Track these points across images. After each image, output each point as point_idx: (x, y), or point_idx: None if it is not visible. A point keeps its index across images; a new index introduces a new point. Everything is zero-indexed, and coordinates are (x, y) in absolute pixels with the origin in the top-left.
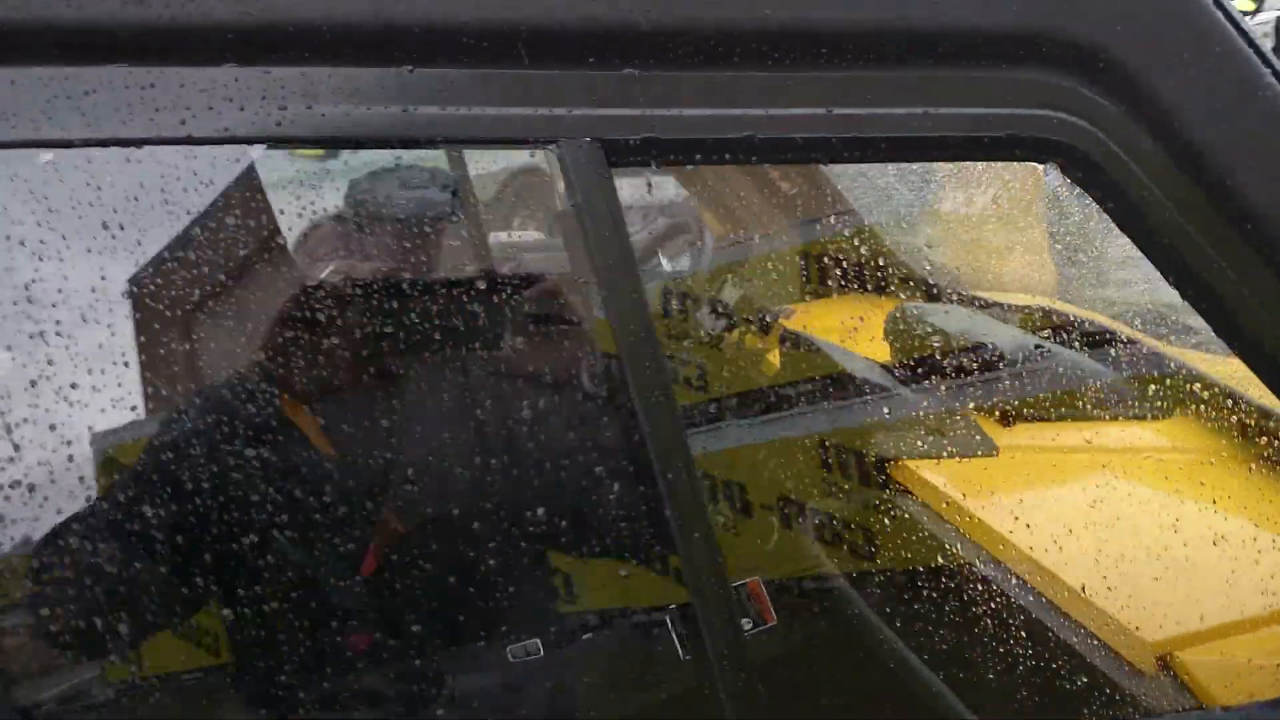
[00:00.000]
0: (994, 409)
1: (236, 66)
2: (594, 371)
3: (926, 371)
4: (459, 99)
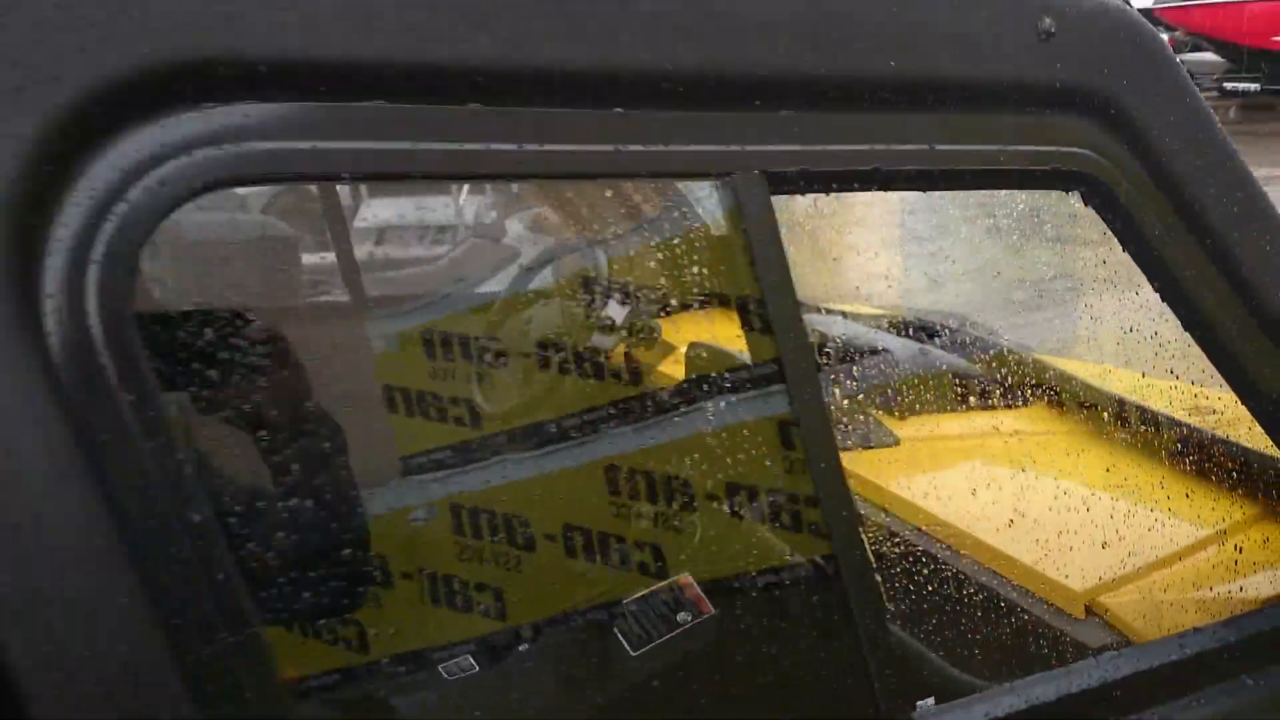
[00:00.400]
0: (889, 406)
1: (481, 106)
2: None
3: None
4: (656, 138)
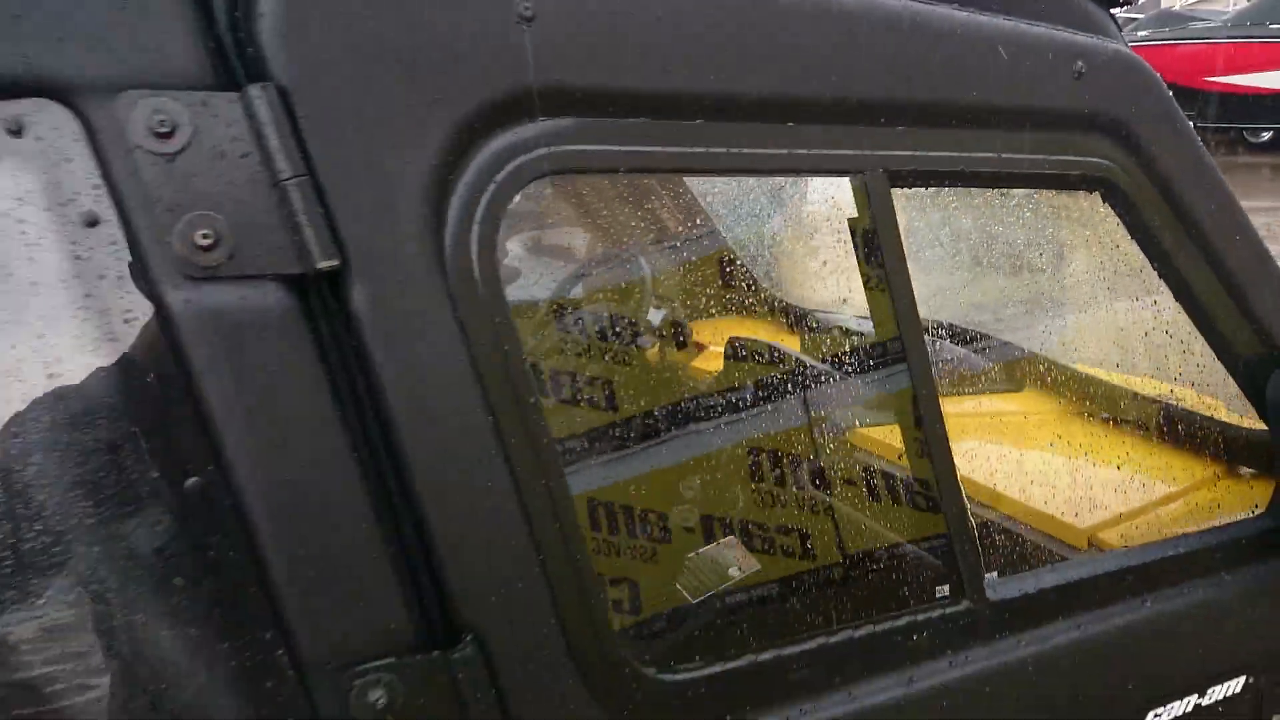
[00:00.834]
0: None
1: (705, 123)
2: None
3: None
4: (814, 145)
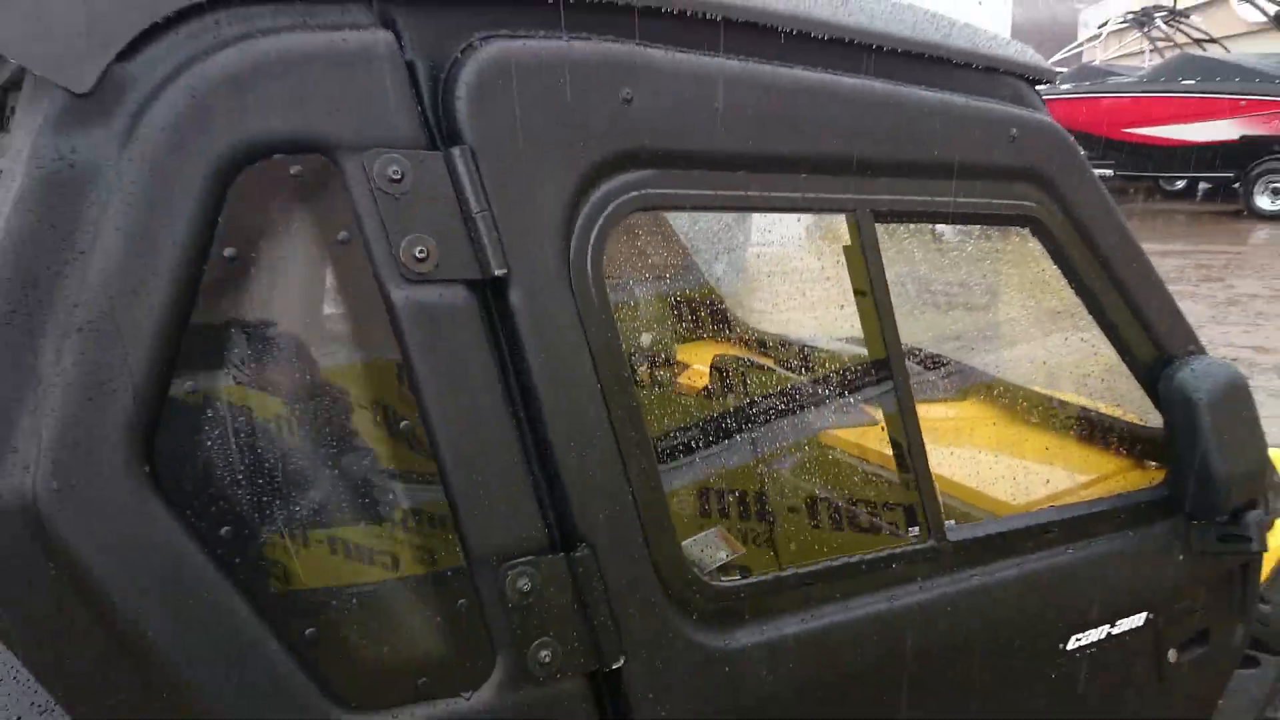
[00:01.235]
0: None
1: (749, 174)
2: None
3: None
4: (823, 189)
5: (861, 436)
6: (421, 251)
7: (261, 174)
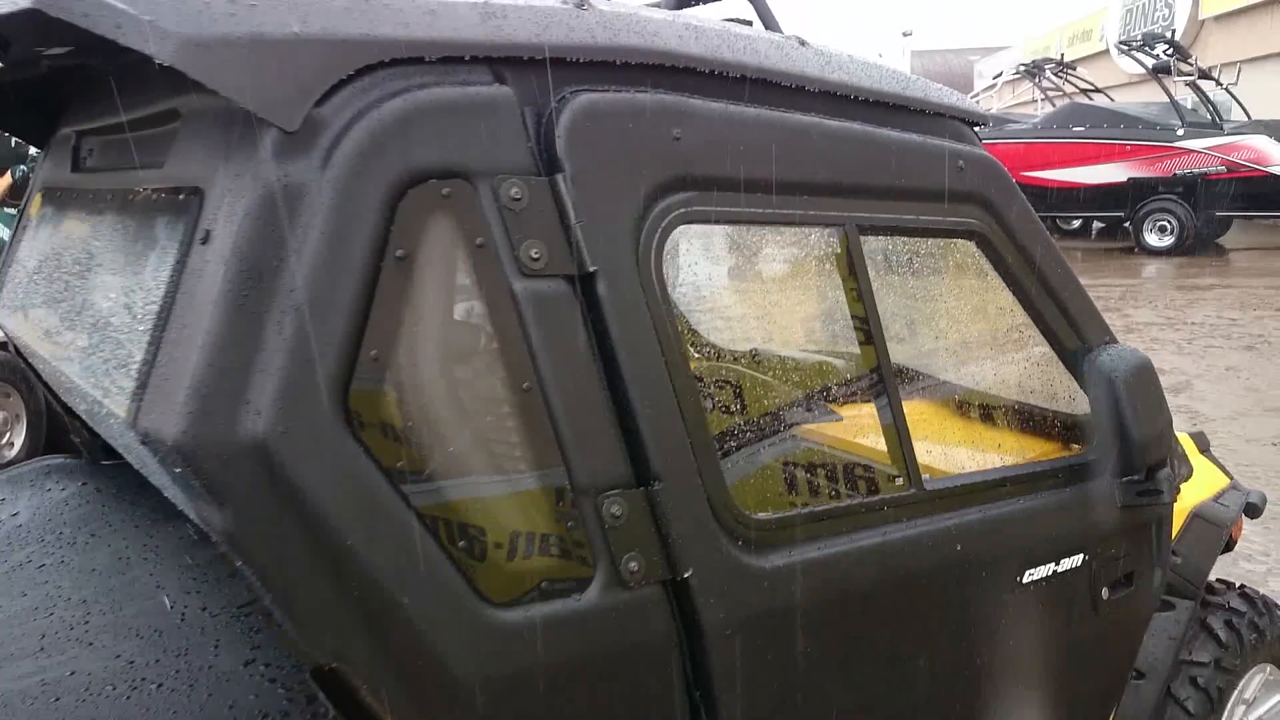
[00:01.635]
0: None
1: (766, 194)
2: None
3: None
4: (821, 208)
5: (858, 411)
6: (535, 253)
7: (422, 194)
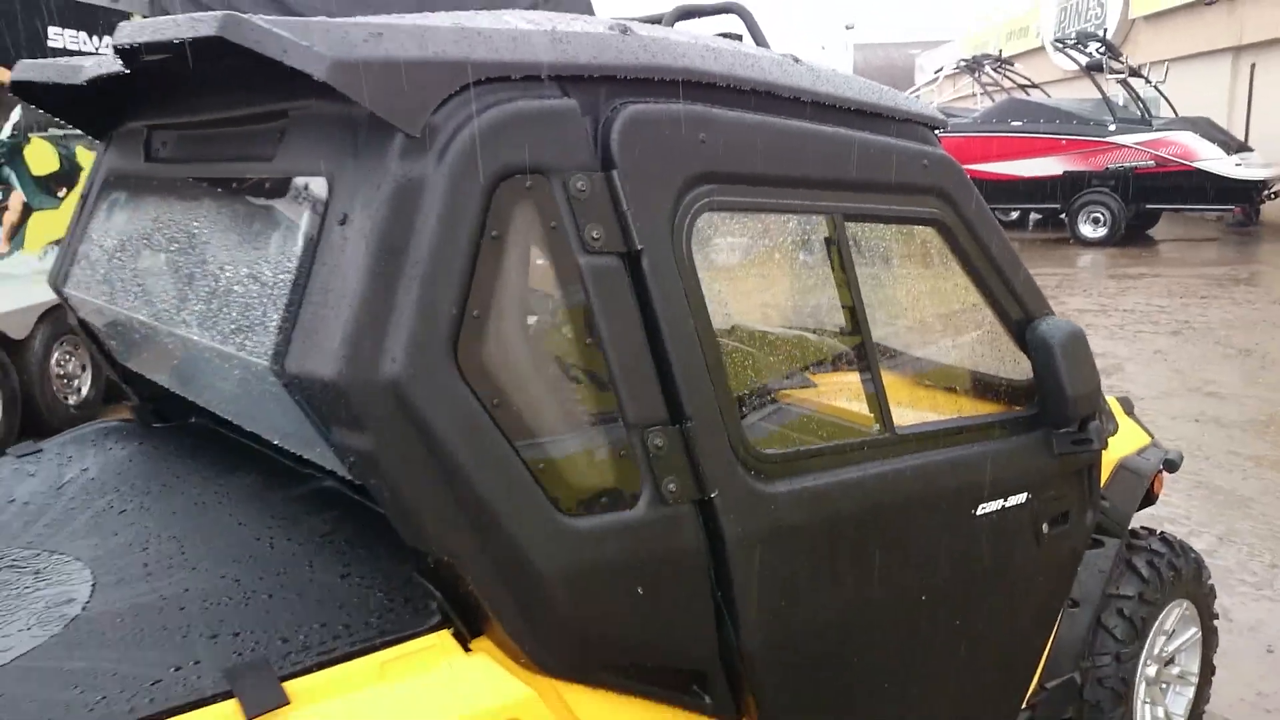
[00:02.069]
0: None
1: (771, 187)
2: None
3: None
4: (810, 198)
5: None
6: (596, 234)
7: (510, 186)
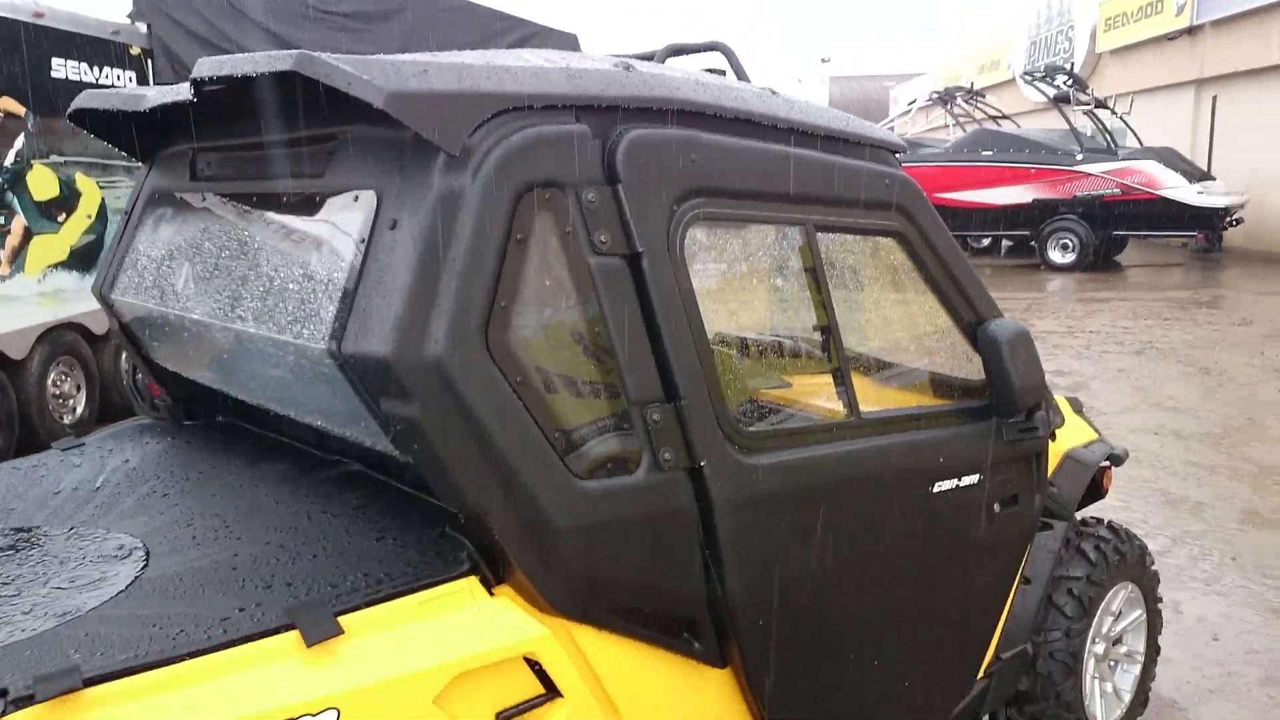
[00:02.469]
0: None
1: (752, 200)
2: None
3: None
4: (787, 211)
5: (818, 365)
6: (604, 239)
7: (532, 198)
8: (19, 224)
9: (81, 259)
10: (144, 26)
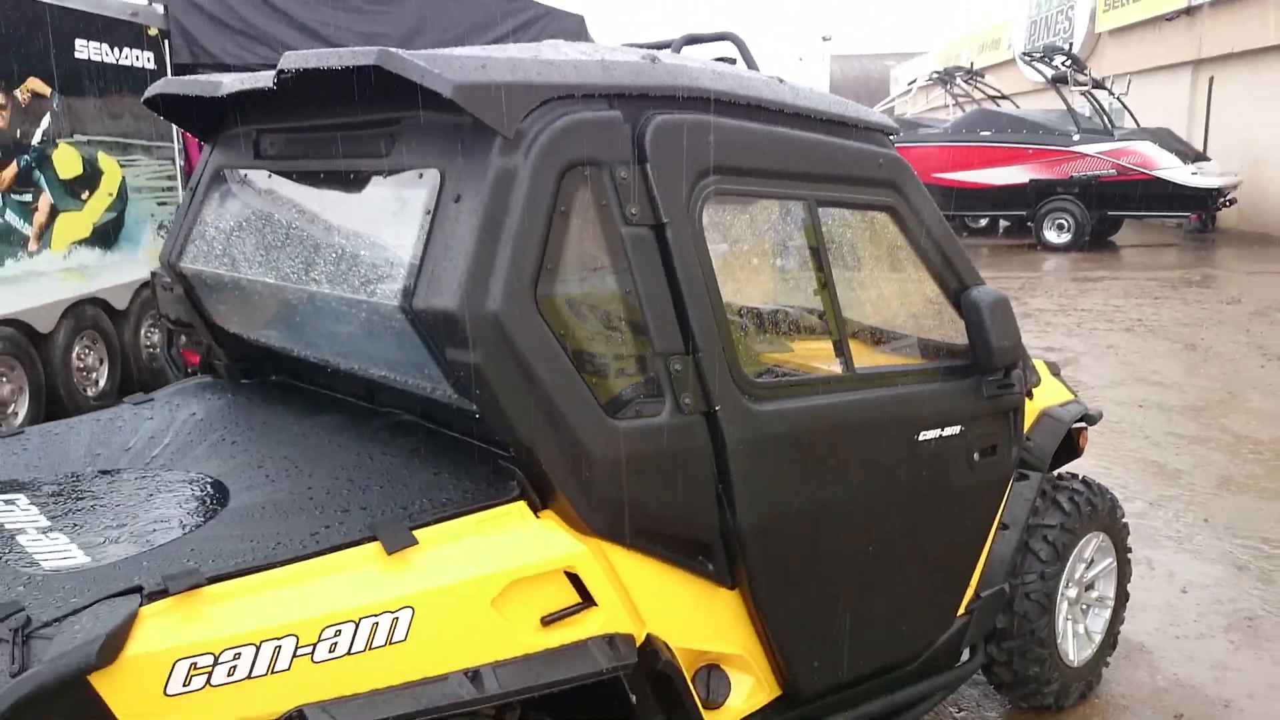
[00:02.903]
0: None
1: (759, 177)
2: None
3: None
4: (791, 188)
5: (818, 326)
6: (634, 210)
7: (574, 175)
8: (45, 201)
9: (103, 236)
10: (161, 8)
